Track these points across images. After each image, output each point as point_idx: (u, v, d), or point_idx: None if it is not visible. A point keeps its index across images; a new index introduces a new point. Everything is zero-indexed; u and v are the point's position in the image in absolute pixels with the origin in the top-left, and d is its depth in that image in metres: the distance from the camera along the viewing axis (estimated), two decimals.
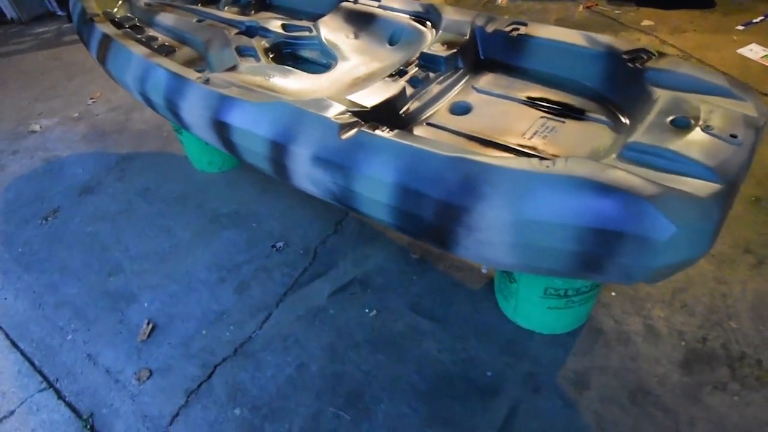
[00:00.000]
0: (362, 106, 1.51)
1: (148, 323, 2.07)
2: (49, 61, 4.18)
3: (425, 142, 1.29)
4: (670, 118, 1.24)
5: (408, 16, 2.05)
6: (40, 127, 3.35)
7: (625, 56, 1.53)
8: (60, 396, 1.89)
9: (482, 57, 1.86)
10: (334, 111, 1.45)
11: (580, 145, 1.43)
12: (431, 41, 1.85)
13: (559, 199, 1.10)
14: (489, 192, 1.15)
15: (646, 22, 3.54)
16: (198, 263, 2.29)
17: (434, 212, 1.25)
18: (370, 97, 1.56)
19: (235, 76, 1.84)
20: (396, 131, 1.36)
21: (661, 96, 1.34)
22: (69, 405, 1.86)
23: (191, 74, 1.81)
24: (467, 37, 1.81)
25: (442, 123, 1.60)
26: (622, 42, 1.59)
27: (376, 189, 1.33)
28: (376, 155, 1.32)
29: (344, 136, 1.38)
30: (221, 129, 1.68)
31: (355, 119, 1.42)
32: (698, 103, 1.28)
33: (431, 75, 1.73)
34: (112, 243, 2.45)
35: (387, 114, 1.55)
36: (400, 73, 1.73)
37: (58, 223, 2.61)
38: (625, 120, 1.49)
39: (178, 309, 2.12)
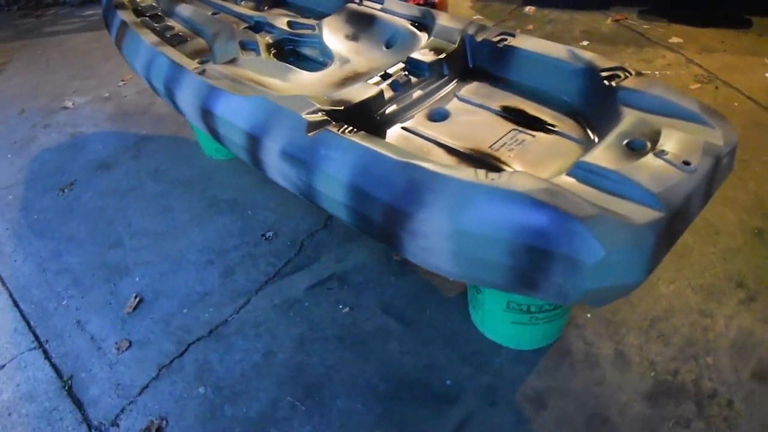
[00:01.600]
0: (338, 106, 1.54)
1: (135, 297, 2.18)
2: (90, 42, 4.41)
3: (382, 145, 1.31)
4: (627, 140, 1.21)
5: (406, 20, 2.06)
6: (73, 104, 3.55)
7: (602, 73, 1.49)
8: (47, 356, 2.01)
9: (471, 65, 1.85)
10: (308, 109, 1.49)
11: (544, 160, 1.41)
12: (421, 46, 1.87)
13: (496, 212, 1.09)
14: (431, 199, 1.16)
15: (674, 39, 3.41)
16: (191, 245, 2.39)
17: (382, 214, 1.27)
18: (348, 97, 1.59)
19: (232, 68, 1.90)
20: (360, 133, 1.38)
21: (627, 116, 1.31)
22: (53, 366, 1.98)
23: (190, 64, 1.89)
24: (456, 45, 1.82)
25: (416, 128, 1.61)
26: (603, 59, 1.56)
27: (333, 187, 1.36)
28: (335, 154, 1.35)
29: (311, 134, 1.42)
30: (207, 118, 1.75)
31: (325, 118, 1.46)
32: (661, 126, 1.24)
33: (413, 80, 1.74)
34: (117, 218, 2.58)
35: (362, 115, 1.58)
36: (385, 76, 1.75)
37: (73, 195, 2.77)
38: (594, 137, 1.46)
39: (165, 286, 2.21)
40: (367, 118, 1.60)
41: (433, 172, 1.18)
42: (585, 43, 3.59)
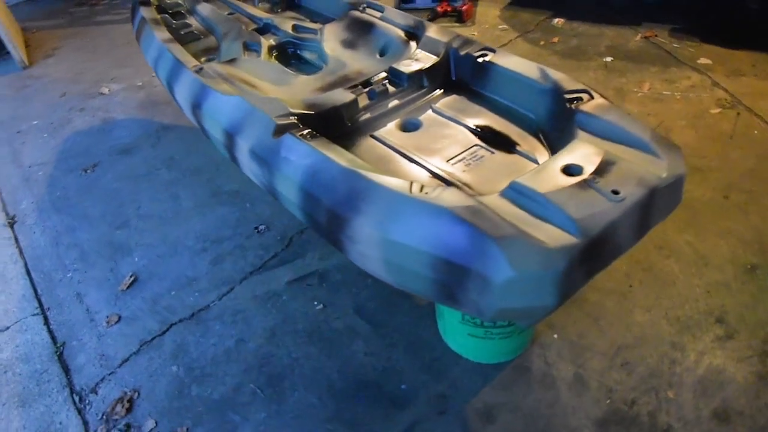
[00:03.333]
0: (310, 110, 1.61)
1: (131, 276, 2.33)
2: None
3: (335, 152, 1.37)
4: (566, 163, 1.21)
5: (401, 29, 2.10)
6: (108, 90, 3.79)
7: (566, 95, 1.49)
8: (46, 323, 2.19)
9: (454, 78, 1.87)
10: (279, 112, 1.56)
11: (495, 178, 1.42)
12: (405, 57, 1.90)
13: (420, 225, 1.13)
14: (364, 207, 1.21)
15: (703, 60, 3.27)
16: (190, 231, 2.52)
17: (326, 218, 1.32)
18: (322, 102, 1.65)
19: (229, 68, 2.01)
20: (320, 139, 1.44)
21: (577, 140, 1.31)
22: (50, 332, 2.15)
23: (190, 62, 2.01)
24: (439, 58, 1.84)
25: (384, 137, 1.65)
26: (572, 81, 1.55)
27: (288, 188, 1.43)
28: (292, 157, 1.42)
29: (276, 137, 1.49)
30: (197, 113, 1.86)
31: (293, 122, 1.53)
32: (604, 153, 1.24)
33: (390, 89, 1.78)
34: (128, 200, 2.76)
35: (333, 121, 1.64)
36: (366, 83, 1.80)
37: (94, 177, 2.97)
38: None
39: (159, 268, 2.35)
40: (338, 123, 1.66)
41: (371, 181, 1.22)
42: (609, 59, 3.51)
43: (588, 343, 1.86)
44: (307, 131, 1.47)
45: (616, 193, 1.13)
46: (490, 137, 1.59)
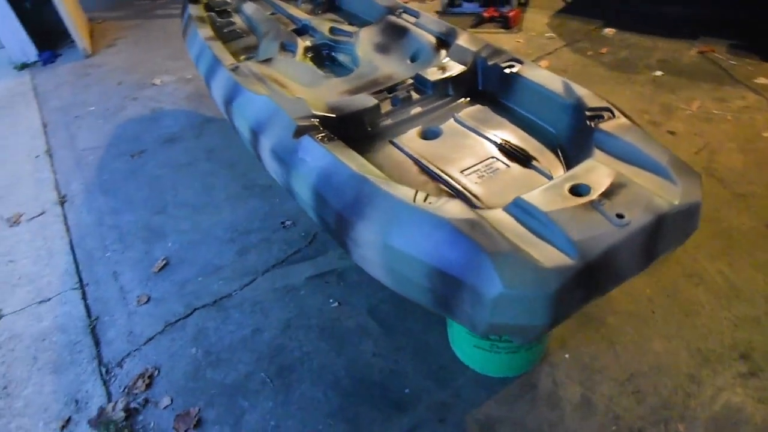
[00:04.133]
0: (332, 113, 1.65)
1: (163, 259, 2.46)
2: None
3: (349, 156, 1.40)
4: (574, 183, 1.20)
5: (434, 36, 2.11)
6: (161, 81, 4.00)
7: (587, 112, 1.46)
8: (84, 297, 2.35)
9: (480, 88, 1.87)
10: (302, 113, 1.61)
11: (508, 192, 1.41)
12: (433, 64, 1.91)
13: (419, 235, 1.15)
14: (369, 213, 1.24)
15: (761, 80, 3.09)
16: (220, 221, 2.63)
17: (334, 220, 1.36)
18: (345, 106, 1.69)
19: (263, 67, 2.08)
20: (337, 142, 1.48)
21: (591, 159, 1.28)
22: (86, 306, 2.31)
23: (227, 60, 2.10)
24: (466, 67, 1.84)
25: (403, 144, 1.67)
26: (596, 98, 1.51)
27: (303, 189, 1.48)
28: (308, 158, 1.47)
29: (296, 137, 1.54)
30: (228, 110, 1.95)
31: (313, 124, 1.57)
32: (614, 174, 1.21)
33: (414, 96, 1.79)
34: (168, 188, 2.91)
35: (354, 125, 1.67)
36: (391, 89, 1.83)
37: (140, 163, 3.14)
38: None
39: (189, 254, 2.47)
40: (359, 128, 1.69)
41: (377, 187, 1.25)
42: (659, 73, 3.38)
43: (600, 367, 1.81)
44: (324, 134, 1.51)
45: (620, 216, 1.10)
46: (507, 150, 1.58)
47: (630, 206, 1.13)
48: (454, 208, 1.15)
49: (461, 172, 1.53)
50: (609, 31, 3.95)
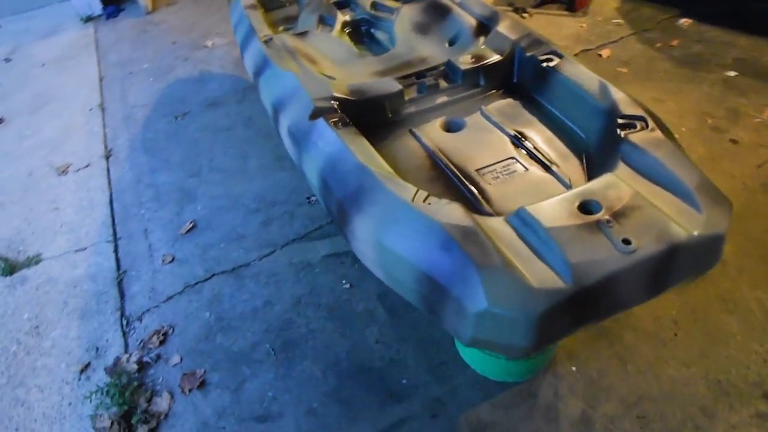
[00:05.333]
0: (352, 96, 1.61)
1: (191, 222, 2.54)
2: None
3: (358, 145, 1.37)
4: (584, 199, 1.11)
5: (476, 19, 2.00)
6: (212, 44, 4.06)
7: (620, 119, 1.34)
8: (115, 250, 2.48)
9: (516, 80, 1.76)
10: (323, 94, 1.58)
11: (520, 197, 1.34)
12: (468, 51, 1.82)
13: (412, 236, 1.11)
14: (367, 208, 1.21)
15: None
16: (249, 190, 2.68)
17: (336, 210, 1.34)
18: (367, 89, 1.64)
19: (297, 41, 2.06)
20: (349, 128, 1.45)
21: (612, 173, 1.18)
22: (117, 259, 2.43)
23: (263, 30, 2.08)
24: (502, 57, 1.74)
25: (422, 134, 1.61)
26: (634, 104, 1.38)
27: (312, 173, 1.47)
28: (320, 143, 1.44)
29: (311, 119, 1.52)
30: (256, 83, 1.94)
31: (331, 106, 1.54)
32: (632, 194, 1.10)
33: (442, 85, 1.72)
34: (204, 151, 2.98)
35: (374, 110, 1.63)
36: (419, 75, 1.76)
37: (182, 124, 3.23)
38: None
39: (216, 220, 2.54)
40: (380, 114, 1.65)
41: (378, 181, 1.21)
42: (732, 73, 3.08)
43: (607, 385, 1.73)
44: (339, 119, 1.48)
45: (626, 242, 1.02)
46: (529, 150, 1.49)
47: (640, 232, 1.03)
48: (451, 213, 1.10)
49: (477, 170, 1.46)
50: (684, 21, 3.63)
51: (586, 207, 1.11)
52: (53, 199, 2.81)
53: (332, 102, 1.57)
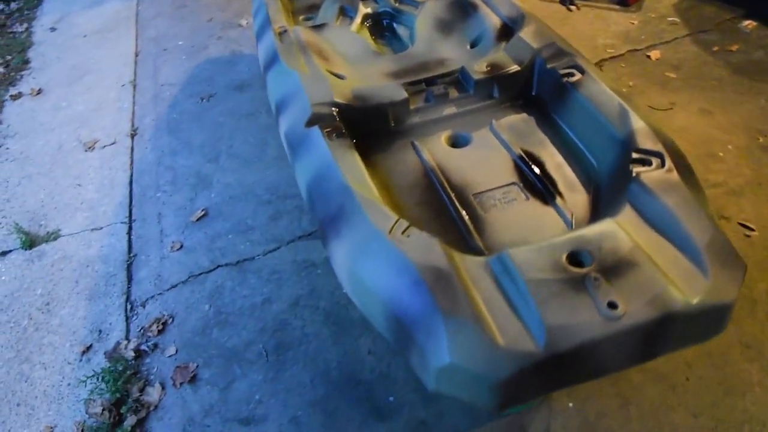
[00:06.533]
0: (354, 102, 1.53)
1: (203, 210, 2.55)
2: None
3: (348, 161, 1.29)
4: (575, 248, 1.00)
5: (501, 20, 1.86)
6: (246, 23, 4.02)
7: (634, 154, 1.20)
8: (129, 232, 2.52)
9: (534, 93, 1.62)
10: (323, 99, 1.51)
11: (514, 231, 1.23)
12: (484, 58, 1.68)
13: (384, 270, 1.04)
14: (344, 233, 1.14)
15: None
16: (263, 181, 2.66)
17: (318, 226, 1.28)
18: (370, 95, 1.56)
19: (313, 34, 1.98)
20: (343, 141, 1.37)
21: (614, 217, 1.06)
22: (129, 242, 2.47)
23: (279, 21, 2.01)
24: (521, 67, 1.60)
25: (423, 149, 1.52)
26: (653, 136, 1.22)
27: (301, 183, 1.41)
28: (312, 154, 1.38)
29: (307, 126, 1.46)
30: (265, 78, 1.88)
31: (330, 113, 1.47)
32: (631, 246, 0.98)
33: (452, 94, 1.60)
34: (225, 137, 2.97)
35: (376, 119, 1.54)
36: (429, 81, 1.65)
37: (207, 107, 3.23)
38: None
39: (227, 209, 2.54)
40: (382, 122, 1.56)
41: (358, 206, 1.14)
42: None
43: (604, 426, 1.63)
44: (333, 128, 1.40)
45: (612, 306, 0.91)
46: (534, 177, 1.38)
47: (631, 294, 0.92)
48: (427, 251, 1.02)
49: (474, 194, 1.36)
50: (748, 24, 3.30)
51: (576, 257, 1.00)
52: (77, 175, 2.88)
53: (332, 108, 1.49)
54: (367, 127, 1.46)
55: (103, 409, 1.81)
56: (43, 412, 1.87)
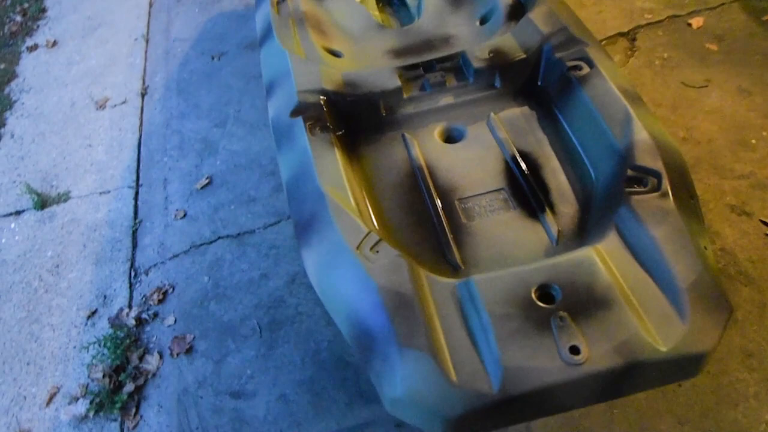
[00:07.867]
0: (343, 89, 1.45)
1: (207, 178, 2.54)
2: None
3: (326, 159, 1.24)
4: (545, 279, 0.94)
5: None
6: None
7: (629, 170, 1.10)
8: (135, 197, 2.55)
9: (540, 84, 1.50)
10: (311, 85, 1.44)
11: (495, 246, 1.17)
12: (487, 42, 1.55)
13: (349, 287, 1.01)
14: (315, 242, 1.11)
15: None
16: (269, 149, 2.62)
17: (294, 228, 1.25)
18: (361, 83, 1.47)
19: (313, 6, 1.87)
20: (324, 135, 1.31)
21: (594, 245, 0.99)
22: (135, 207, 2.51)
23: None
24: (526, 54, 1.47)
25: (413, 143, 1.44)
26: (654, 151, 1.11)
27: (283, 177, 1.37)
28: (294, 148, 1.33)
29: (292, 116, 1.39)
30: (260, 52, 1.80)
31: (318, 102, 1.40)
32: (607, 284, 0.92)
33: (450, 83, 1.49)
34: (234, 100, 2.91)
35: (366, 107, 1.47)
36: (427, 66, 1.54)
37: (217, 66, 3.16)
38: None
39: (231, 178, 2.53)
40: (372, 112, 1.48)
41: (330, 216, 1.10)
42: None
43: (585, 427, 1.62)
44: (316, 121, 1.34)
45: (575, 351, 0.86)
46: (525, 182, 1.29)
47: (597, 338, 0.87)
48: (392, 273, 0.98)
49: (459, 199, 1.29)
50: None
51: (544, 290, 0.94)
52: (88, 135, 2.90)
53: (319, 97, 1.42)
54: (356, 116, 1.39)
55: (104, 375, 1.90)
56: (50, 373, 1.97)
